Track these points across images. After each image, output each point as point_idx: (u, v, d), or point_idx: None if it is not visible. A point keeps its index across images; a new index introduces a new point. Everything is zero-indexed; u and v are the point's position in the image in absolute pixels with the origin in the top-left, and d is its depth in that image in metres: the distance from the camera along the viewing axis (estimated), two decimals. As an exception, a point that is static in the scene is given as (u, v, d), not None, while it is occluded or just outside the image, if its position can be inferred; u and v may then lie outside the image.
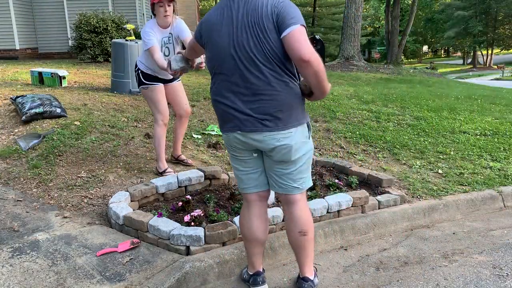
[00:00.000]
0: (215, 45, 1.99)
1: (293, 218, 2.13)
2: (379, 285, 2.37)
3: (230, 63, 1.96)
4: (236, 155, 2.15)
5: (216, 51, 1.99)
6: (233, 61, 1.95)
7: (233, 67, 1.96)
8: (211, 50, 2.02)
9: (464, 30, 40.95)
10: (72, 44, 12.90)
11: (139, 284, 2.19)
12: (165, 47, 3.57)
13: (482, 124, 5.74)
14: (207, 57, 2.08)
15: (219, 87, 2.04)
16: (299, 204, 2.13)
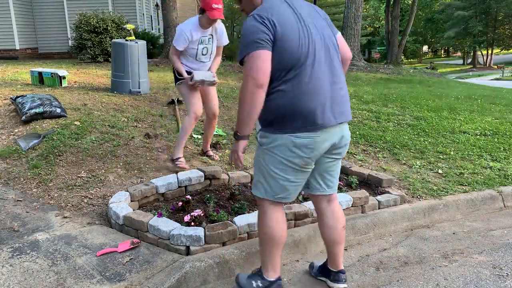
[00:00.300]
0: (295, 39, 1.91)
1: (337, 214, 2.22)
2: (379, 285, 2.37)
3: (320, 54, 1.97)
4: (303, 166, 2.01)
5: (300, 45, 1.91)
6: (323, 52, 1.99)
7: (323, 58, 1.98)
8: (292, 46, 1.90)
9: (464, 30, 40.94)
10: (72, 44, 12.90)
11: (139, 284, 2.19)
12: (204, 47, 3.67)
13: (482, 124, 5.74)
14: (284, 55, 1.90)
15: (314, 81, 1.92)
16: (337, 200, 2.26)
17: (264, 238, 2.13)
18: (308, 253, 2.72)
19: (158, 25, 20.35)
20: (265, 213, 2.12)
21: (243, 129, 1.97)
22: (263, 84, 1.87)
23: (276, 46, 1.89)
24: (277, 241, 2.12)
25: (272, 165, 2.01)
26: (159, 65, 11.35)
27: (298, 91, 1.91)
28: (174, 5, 13.43)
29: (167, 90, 6.82)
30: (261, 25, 1.88)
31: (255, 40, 1.86)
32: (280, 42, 1.88)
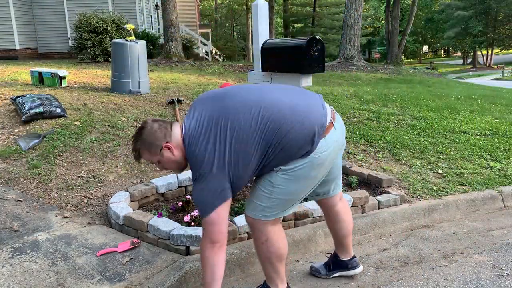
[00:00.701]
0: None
1: (347, 209, 2.34)
2: (379, 285, 2.37)
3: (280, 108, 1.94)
4: (322, 176, 2.03)
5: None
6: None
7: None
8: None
9: (464, 30, 40.94)
10: (72, 44, 12.91)
11: (139, 284, 2.19)
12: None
13: (482, 124, 5.74)
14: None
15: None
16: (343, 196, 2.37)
17: (271, 257, 2.06)
18: (308, 253, 2.72)
19: (158, 25, 20.35)
20: (269, 233, 2.03)
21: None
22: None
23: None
24: (284, 257, 2.09)
25: (297, 189, 1.98)
26: (159, 65, 11.36)
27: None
28: (174, 5, 13.44)
29: (167, 90, 6.82)
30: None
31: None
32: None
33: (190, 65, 12.18)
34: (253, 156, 1.83)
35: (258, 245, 2.08)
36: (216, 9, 45.19)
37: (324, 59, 2.86)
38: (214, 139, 1.80)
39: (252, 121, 1.82)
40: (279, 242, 2.06)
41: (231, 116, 1.82)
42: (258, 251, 2.10)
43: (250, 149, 1.81)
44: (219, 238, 1.86)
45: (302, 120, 1.85)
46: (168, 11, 13.23)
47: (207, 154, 1.79)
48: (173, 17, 13.33)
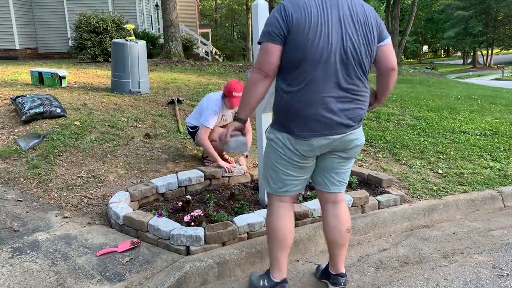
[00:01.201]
0: (309, 43, 1.84)
1: (341, 216, 2.18)
2: (379, 285, 2.37)
3: (330, 65, 1.87)
4: (299, 162, 2.04)
5: (311, 51, 1.85)
6: (336, 64, 1.88)
7: (333, 70, 1.88)
8: (300, 49, 1.86)
9: (464, 30, 40.94)
10: (72, 44, 12.92)
11: (139, 284, 2.19)
12: (223, 120, 3.82)
13: (482, 124, 5.74)
14: (290, 56, 1.89)
15: (311, 91, 1.89)
16: (344, 202, 2.22)
17: (268, 234, 2.15)
18: (308, 253, 2.72)
19: (158, 25, 20.35)
20: (270, 209, 2.17)
21: (240, 112, 2.08)
22: (266, 75, 1.92)
23: (287, 43, 1.87)
24: (280, 240, 2.11)
25: (275, 160, 2.08)
26: (159, 65, 11.36)
27: (297, 96, 1.91)
28: (174, 5, 13.43)
29: (167, 90, 6.82)
30: (279, 18, 1.87)
31: (269, 32, 1.89)
32: (292, 42, 1.85)
33: (190, 65, 12.18)
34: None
35: (265, 220, 2.20)
36: (216, 9, 45.21)
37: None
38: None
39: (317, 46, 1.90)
40: (275, 224, 2.12)
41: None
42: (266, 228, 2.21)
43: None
44: (268, 69, 1.91)
45: (315, 105, 1.98)
46: (168, 11, 13.23)
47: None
48: (173, 17, 13.33)
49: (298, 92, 1.91)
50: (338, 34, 1.87)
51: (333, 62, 1.87)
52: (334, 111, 1.92)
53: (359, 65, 1.93)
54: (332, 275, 2.26)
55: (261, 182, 2.19)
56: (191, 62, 13.02)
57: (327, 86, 1.89)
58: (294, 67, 1.89)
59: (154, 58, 13.45)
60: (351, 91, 1.94)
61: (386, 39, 1.98)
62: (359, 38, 1.90)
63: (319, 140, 1.95)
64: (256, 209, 2.98)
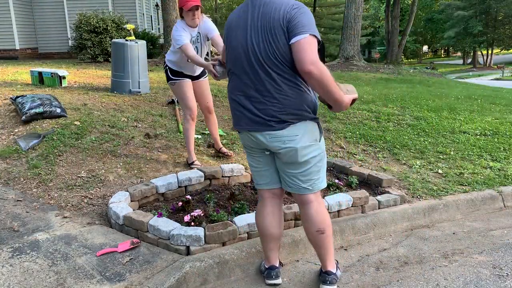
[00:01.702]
0: (230, 46, 2.10)
1: (308, 218, 2.20)
2: (379, 285, 2.37)
3: (241, 64, 2.05)
4: (249, 152, 2.24)
5: (232, 52, 2.09)
6: (245, 63, 2.03)
7: (244, 68, 2.04)
8: (228, 51, 2.13)
9: (464, 30, 40.94)
10: (72, 44, 12.92)
11: (139, 284, 2.19)
12: (194, 46, 3.67)
13: (482, 124, 5.74)
14: (226, 56, 2.19)
15: (233, 86, 2.14)
16: (313, 204, 2.18)
17: (256, 225, 2.38)
18: (308, 253, 2.72)
19: (158, 25, 20.35)
20: (258, 203, 2.37)
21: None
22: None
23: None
24: (260, 232, 2.31)
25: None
26: (159, 65, 11.35)
27: (228, 91, 2.20)
28: (174, 5, 13.43)
29: (167, 90, 6.82)
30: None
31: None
32: (227, 42, 2.13)
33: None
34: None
35: None
36: (216, 9, 45.21)
37: (324, 59, 2.86)
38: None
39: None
40: (256, 217, 2.34)
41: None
42: None
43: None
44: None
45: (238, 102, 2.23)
46: (168, 11, 13.23)
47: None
48: (173, 17, 13.33)
49: (228, 88, 2.19)
50: (243, 37, 2.01)
51: (241, 63, 2.05)
52: (246, 108, 2.07)
53: (264, 65, 1.96)
54: (321, 272, 2.31)
55: None
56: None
57: (240, 85, 2.08)
58: (227, 66, 2.19)
59: (154, 58, 13.45)
60: (260, 91, 2.01)
61: (296, 36, 1.85)
62: (259, 39, 1.95)
63: (243, 134, 2.16)
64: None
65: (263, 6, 1.97)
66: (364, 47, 46.55)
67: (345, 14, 15.59)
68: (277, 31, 1.90)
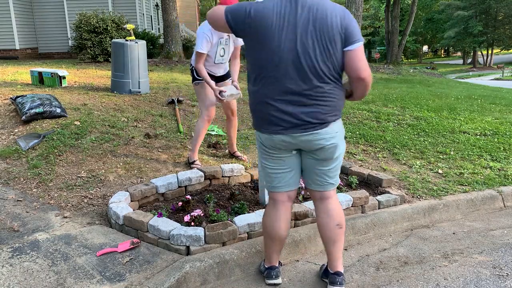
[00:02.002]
0: (267, 46, 1.94)
1: (329, 212, 2.21)
2: (379, 285, 2.37)
3: (286, 68, 1.94)
4: (274, 153, 2.16)
5: (270, 53, 1.94)
6: (291, 67, 1.94)
7: (289, 73, 1.95)
8: (260, 51, 1.97)
9: (464, 30, 40.94)
10: (72, 44, 12.92)
11: (139, 284, 2.19)
12: (222, 48, 3.68)
13: (482, 124, 5.74)
14: (251, 56, 2.03)
15: (268, 90, 2.01)
16: (334, 198, 2.24)
17: (262, 229, 2.33)
18: (308, 253, 2.72)
19: (158, 25, 20.35)
20: (267, 207, 2.30)
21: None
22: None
23: (252, 42, 1.99)
24: (270, 235, 2.26)
25: (260, 156, 2.25)
26: (159, 65, 11.35)
27: (257, 95, 2.06)
28: (174, 5, 13.43)
29: (167, 90, 6.82)
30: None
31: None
32: (255, 41, 1.97)
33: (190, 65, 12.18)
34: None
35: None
36: (216, 9, 45.09)
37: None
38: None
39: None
40: (266, 218, 2.27)
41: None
42: None
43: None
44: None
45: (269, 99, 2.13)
46: (168, 11, 13.23)
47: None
48: (173, 17, 13.33)
49: (257, 92, 2.05)
50: (292, 40, 1.91)
51: (285, 67, 1.94)
52: (287, 113, 2.00)
53: (318, 71, 1.94)
54: (330, 273, 2.27)
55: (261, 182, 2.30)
56: (191, 62, 13.01)
57: (280, 89, 1.98)
58: (256, 67, 2.02)
59: (154, 58, 13.44)
60: (308, 96, 1.97)
61: (352, 45, 1.93)
62: (314, 44, 1.91)
63: (277, 137, 2.06)
64: (256, 209, 2.98)
65: (316, 10, 1.91)
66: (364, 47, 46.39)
67: (345, 14, 15.57)
68: (336, 38, 1.91)
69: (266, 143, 2.14)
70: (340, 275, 2.24)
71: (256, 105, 2.09)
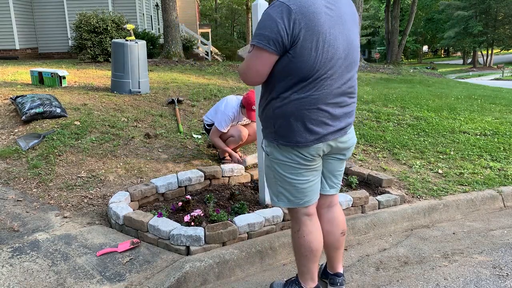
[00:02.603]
0: (330, 46, 1.75)
1: (335, 221, 2.15)
2: (379, 285, 2.37)
3: (340, 67, 1.81)
4: (312, 165, 1.94)
5: (329, 54, 1.76)
6: (343, 65, 1.82)
7: (342, 72, 1.83)
8: (322, 52, 1.74)
9: (464, 30, 40.97)
10: (72, 44, 12.92)
11: (139, 284, 2.19)
12: (237, 121, 3.96)
13: (482, 124, 5.74)
14: (313, 60, 1.74)
15: (325, 94, 1.81)
16: (338, 205, 2.21)
17: (300, 249, 2.03)
18: (308, 253, 2.72)
19: (158, 25, 20.35)
20: (297, 223, 2.03)
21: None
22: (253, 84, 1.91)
23: (292, 51, 1.72)
24: (315, 253, 2.04)
25: (288, 172, 1.94)
26: (159, 65, 11.36)
27: (301, 103, 1.82)
28: (174, 5, 13.44)
29: (167, 90, 6.82)
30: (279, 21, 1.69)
31: (265, 35, 1.71)
32: (299, 48, 1.71)
33: (190, 65, 12.17)
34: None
35: (292, 234, 2.09)
36: (216, 9, 45.21)
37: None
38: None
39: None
40: (310, 236, 2.00)
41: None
42: (292, 240, 2.10)
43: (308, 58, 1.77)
44: (253, 75, 1.88)
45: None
46: (168, 11, 13.23)
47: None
48: (173, 17, 13.33)
49: (303, 99, 1.79)
50: (346, 36, 1.81)
51: (339, 66, 1.80)
52: (337, 118, 1.88)
53: (356, 65, 1.90)
54: (329, 274, 2.26)
55: (273, 199, 2.09)
56: (191, 62, 13.02)
57: (332, 92, 1.82)
58: (302, 77, 1.77)
59: (154, 58, 13.44)
60: (349, 94, 1.90)
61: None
62: (355, 36, 1.86)
63: (322, 145, 1.89)
64: (256, 209, 2.98)
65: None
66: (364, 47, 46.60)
67: (345, 14, 15.55)
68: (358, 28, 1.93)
69: (306, 155, 1.89)
70: (340, 276, 2.23)
71: (298, 116, 1.81)
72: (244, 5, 37.38)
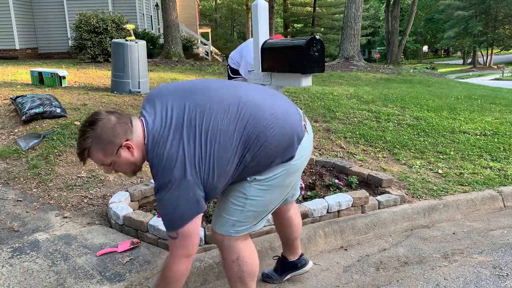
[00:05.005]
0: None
1: (297, 212, 2.29)
2: (379, 285, 2.37)
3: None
4: (295, 183, 1.94)
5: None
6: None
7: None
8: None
9: (464, 30, 40.99)
10: (72, 44, 12.93)
11: (139, 284, 2.19)
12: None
13: (482, 124, 5.74)
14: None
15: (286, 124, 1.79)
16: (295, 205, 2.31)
17: (243, 276, 1.87)
18: (308, 253, 2.72)
19: (158, 25, 20.36)
20: (236, 250, 1.86)
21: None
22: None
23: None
24: (257, 272, 1.93)
25: (275, 198, 1.85)
26: (159, 65, 11.36)
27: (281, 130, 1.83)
28: (174, 5, 13.44)
29: (167, 90, 6.82)
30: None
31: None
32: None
33: (190, 65, 12.17)
34: (230, 162, 1.62)
35: (229, 264, 1.87)
36: (216, 9, 45.20)
37: (324, 59, 2.86)
38: (186, 139, 1.55)
39: (230, 121, 1.61)
40: (252, 259, 1.89)
41: (206, 114, 1.60)
42: (229, 271, 1.89)
43: (227, 154, 1.60)
44: (195, 249, 1.70)
45: (282, 123, 1.71)
46: (168, 11, 13.23)
47: (178, 157, 1.53)
48: (173, 17, 13.34)
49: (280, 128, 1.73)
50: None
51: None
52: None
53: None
54: (295, 262, 2.36)
55: (226, 230, 1.87)
56: (191, 62, 13.03)
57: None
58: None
59: (154, 58, 13.45)
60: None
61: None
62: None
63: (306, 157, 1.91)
64: (256, 209, 2.98)
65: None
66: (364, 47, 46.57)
67: (345, 14, 15.60)
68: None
69: (300, 168, 1.86)
70: (303, 254, 2.37)
71: (282, 137, 1.73)
72: (244, 5, 37.40)
